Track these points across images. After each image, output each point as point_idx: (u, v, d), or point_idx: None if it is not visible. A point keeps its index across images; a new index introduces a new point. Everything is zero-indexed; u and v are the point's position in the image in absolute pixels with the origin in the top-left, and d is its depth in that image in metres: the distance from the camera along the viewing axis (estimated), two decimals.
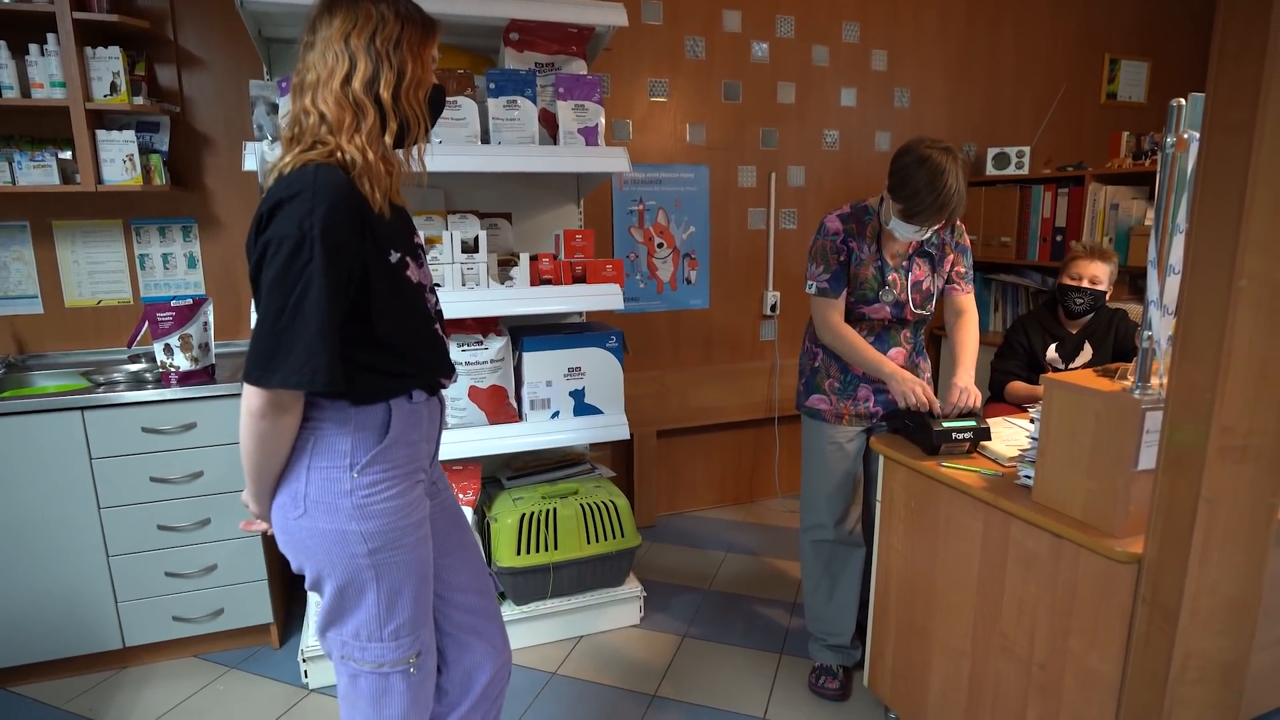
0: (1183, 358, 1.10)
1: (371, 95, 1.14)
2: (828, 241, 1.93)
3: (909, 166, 1.74)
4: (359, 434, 1.19)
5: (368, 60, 1.13)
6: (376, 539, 1.20)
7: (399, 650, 1.25)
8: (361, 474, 1.19)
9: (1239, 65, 1.00)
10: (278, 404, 1.11)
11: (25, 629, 2.06)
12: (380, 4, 1.16)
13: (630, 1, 2.85)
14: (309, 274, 1.07)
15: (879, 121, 3.42)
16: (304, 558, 1.22)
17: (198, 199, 2.53)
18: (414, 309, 1.25)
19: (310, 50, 1.16)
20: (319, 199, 1.07)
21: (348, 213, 1.10)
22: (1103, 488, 1.32)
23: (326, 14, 1.15)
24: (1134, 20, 3.79)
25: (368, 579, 1.21)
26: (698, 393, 3.27)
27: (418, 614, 1.27)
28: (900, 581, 1.83)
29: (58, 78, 2.14)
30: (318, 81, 1.14)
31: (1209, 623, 1.15)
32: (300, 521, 1.19)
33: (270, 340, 1.07)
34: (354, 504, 1.18)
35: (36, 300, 2.44)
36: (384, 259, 1.18)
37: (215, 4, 2.42)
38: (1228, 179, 1.02)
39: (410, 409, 1.25)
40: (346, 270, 1.11)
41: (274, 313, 1.08)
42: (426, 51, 1.21)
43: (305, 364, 1.07)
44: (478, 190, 2.51)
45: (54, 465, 2.01)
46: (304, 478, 1.18)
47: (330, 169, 1.11)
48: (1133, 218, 2.95)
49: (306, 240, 1.06)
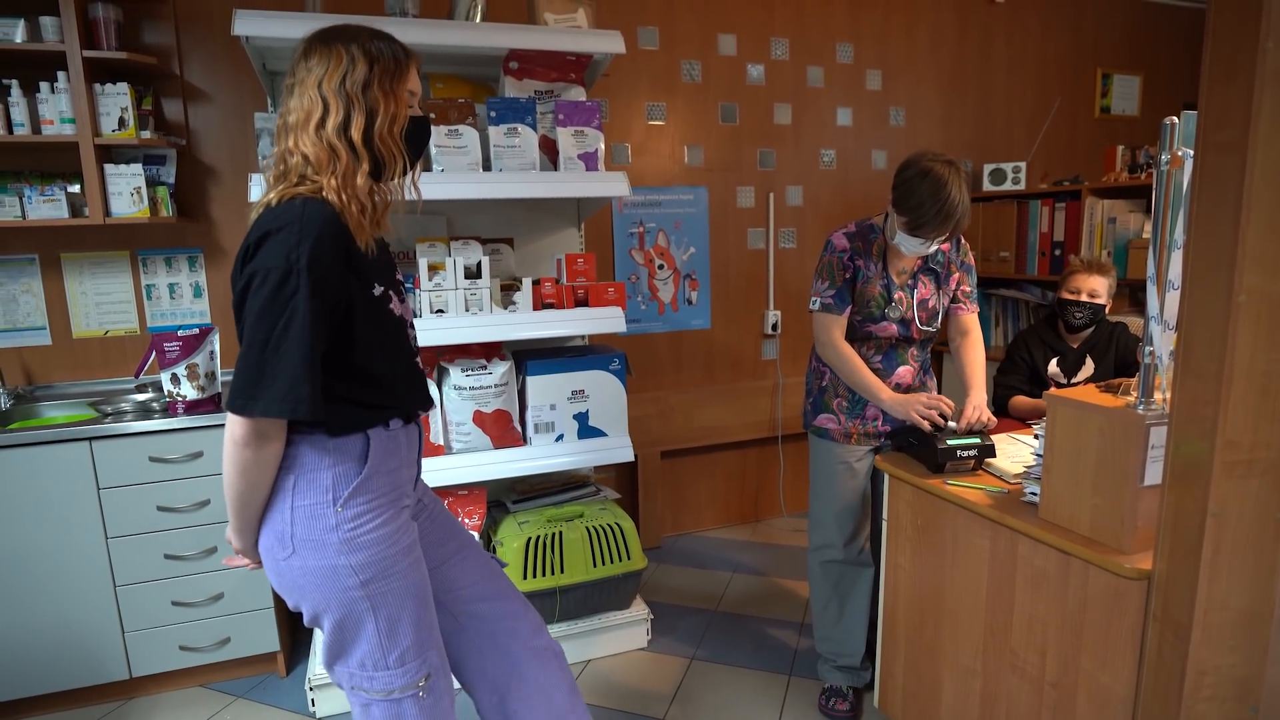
0: (1185, 373, 1.11)
1: (344, 138, 1.17)
2: (834, 258, 1.94)
3: (911, 180, 1.77)
4: (339, 466, 1.20)
5: (338, 103, 1.17)
6: (367, 570, 1.20)
7: (406, 676, 1.25)
8: (345, 507, 1.19)
9: (1228, 86, 1.02)
10: (260, 433, 1.12)
11: (32, 661, 2.06)
12: (351, 45, 1.19)
13: (627, 28, 2.89)
14: (294, 305, 1.09)
15: (875, 140, 3.45)
16: (299, 596, 1.23)
17: (203, 229, 2.56)
18: (396, 342, 1.27)
19: (290, 94, 1.20)
20: (306, 232, 1.10)
21: (333, 246, 1.13)
22: (1109, 504, 1.32)
23: (304, 59, 1.20)
24: (1124, 34, 3.84)
25: (364, 610, 1.21)
26: (701, 413, 3.27)
27: (421, 638, 1.27)
28: (909, 600, 1.82)
29: (67, 114, 2.18)
30: (298, 124, 1.18)
31: (1221, 638, 1.15)
32: (290, 561, 1.20)
33: (255, 369, 1.09)
34: (340, 538, 1.19)
35: (45, 331, 2.46)
36: (368, 292, 1.20)
37: (220, 40, 2.46)
38: (1222, 196, 1.03)
39: (388, 436, 1.26)
40: (331, 302, 1.13)
41: (259, 343, 1.09)
42: (401, 87, 1.22)
43: (289, 393, 1.09)
44: (480, 216, 2.54)
45: (62, 495, 2.02)
46: (288, 518, 1.19)
47: (318, 203, 1.14)
48: (1131, 230, 2.97)
49: (293, 272, 1.09)
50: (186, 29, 2.46)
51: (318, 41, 1.20)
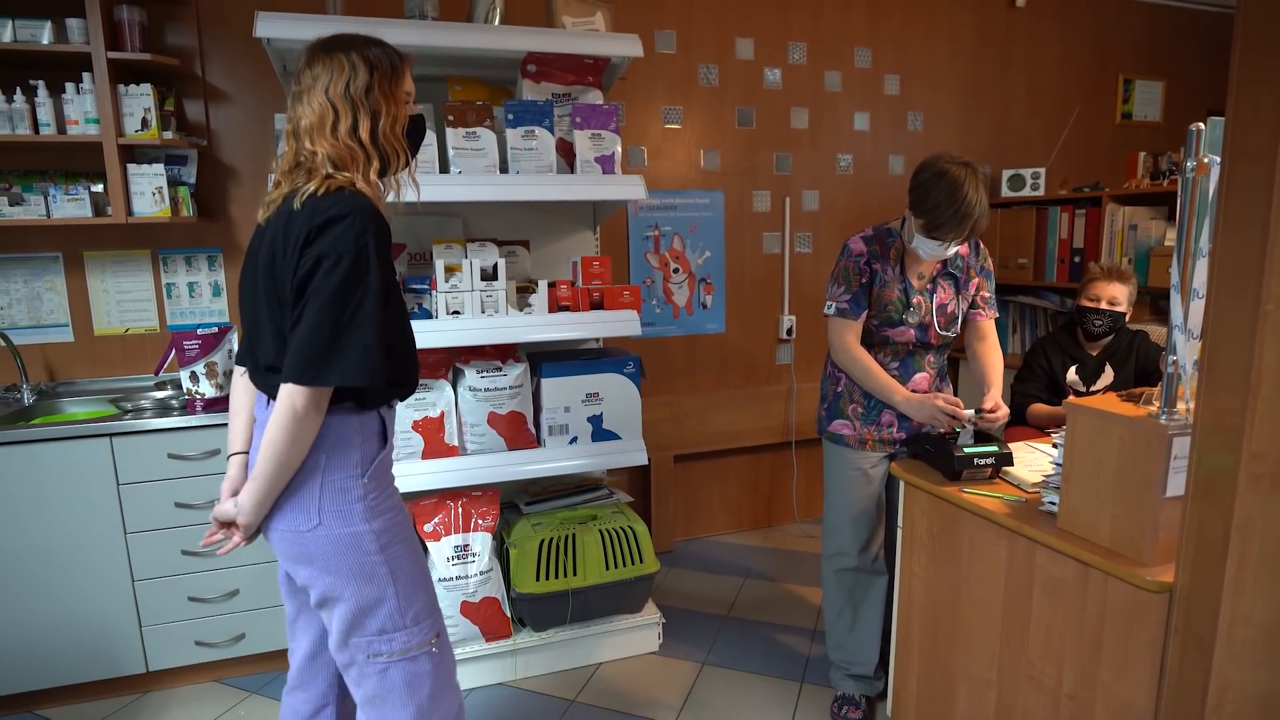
0: (1210, 383, 1.09)
1: (356, 139, 1.27)
2: (850, 263, 1.93)
3: (928, 181, 1.76)
4: (365, 445, 1.31)
5: (345, 109, 1.26)
6: (385, 535, 1.32)
7: (421, 634, 1.36)
8: (371, 479, 1.31)
9: (1257, 92, 1.00)
10: (320, 405, 1.22)
11: (51, 652, 2.08)
12: (351, 53, 1.28)
13: (644, 31, 2.90)
14: (368, 284, 1.21)
15: (892, 145, 3.43)
16: (318, 569, 1.30)
17: (223, 229, 2.58)
18: (408, 325, 1.41)
19: (299, 100, 1.29)
20: (368, 219, 1.22)
21: (385, 232, 1.26)
22: (1130, 515, 1.31)
23: (308, 67, 1.29)
24: (1146, 39, 3.79)
25: (383, 575, 1.31)
26: (714, 417, 3.27)
27: (430, 597, 1.40)
28: (923, 609, 1.80)
29: (92, 114, 2.21)
30: (312, 127, 1.27)
31: (1245, 654, 1.13)
32: (315, 532, 1.28)
33: (329, 343, 1.19)
34: (366, 507, 1.30)
35: (67, 329, 2.49)
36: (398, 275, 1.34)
37: (241, 41, 2.49)
38: (1250, 204, 1.02)
39: (390, 416, 1.39)
40: (390, 282, 1.27)
41: (333, 320, 1.19)
42: (398, 88, 1.32)
43: (365, 363, 1.20)
44: (496, 218, 2.55)
45: (82, 490, 2.05)
46: (317, 492, 1.27)
47: (361, 194, 1.25)
48: (1152, 238, 2.93)
49: (364, 255, 1.20)
50: (209, 31, 2.49)
51: (319, 51, 1.29)
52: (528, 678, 2.29)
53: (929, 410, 1.81)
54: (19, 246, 2.41)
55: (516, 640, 2.26)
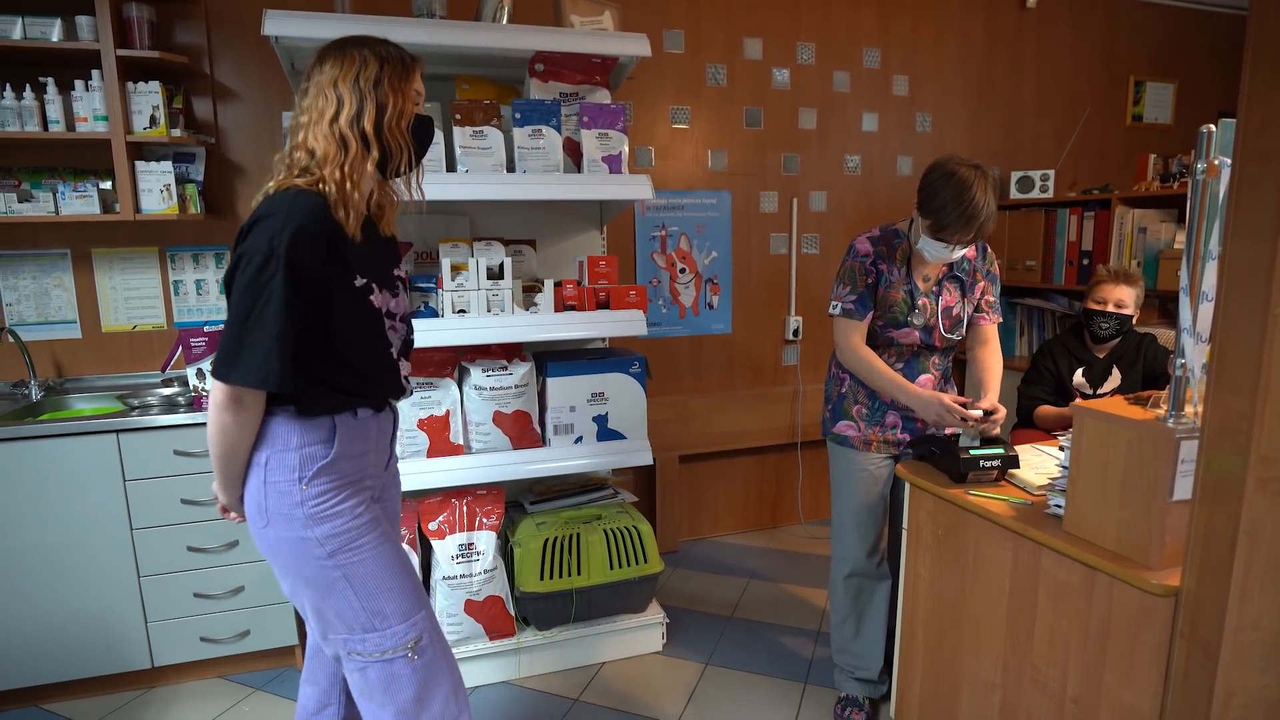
0: (1219, 387, 1.09)
1: (356, 130, 1.27)
2: (856, 263, 1.92)
3: (936, 182, 1.76)
4: (306, 448, 1.29)
5: (352, 99, 1.27)
6: (333, 541, 1.30)
7: (395, 638, 1.34)
8: (309, 485, 1.29)
9: (1270, 94, 0.99)
10: (237, 399, 1.22)
11: (57, 647, 2.09)
12: (363, 48, 1.30)
13: (653, 31, 2.90)
14: (272, 287, 1.18)
15: (900, 146, 3.42)
16: (277, 566, 1.34)
17: (230, 227, 2.59)
18: (371, 331, 1.35)
19: (305, 96, 1.30)
20: (289, 220, 1.19)
21: (313, 235, 1.21)
22: (1136, 518, 1.30)
23: (319, 63, 1.30)
24: (1158, 41, 3.77)
25: (336, 578, 1.31)
26: (720, 417, 3.26)
27: (405, 604, 1.35)
28: (928, 611, 1.80)
29: (101, 112, 2.22)
30: (309, 122, 1.28)
31: (1252, 659, 1.12)
32: (266, 532, 1.31)
33: (235, 341, 1.19)
34: (305, 514, 1.28)
35: (75, 325, 2.50)
36: (349, 281, 1.29)
37: (250, 39, 2.50)
38: (1261, 207, 1.01)
39: (356, 424, 1.35)
40: (307, 287, 1.22)
41: (240, 318, 1.19)
42: (408, 86, 1.33)
43: (262, 365, 1.19)
44: (503, 217, 2.55)
45: (89, 486, 2.06)
46: (263, 491, 1.29)
47: (308, 194, 1.23)
48: (1161, 241, 2.91)
49: (274, 256, 1.18)
50: (217, 29, 2.50)
51: (332, 49, 1.31)
52: (531, 676, 2.30)
53: (935, 407, 1.80)
54: (28, 243, 2.43)
55: (520, 639, 2.26)
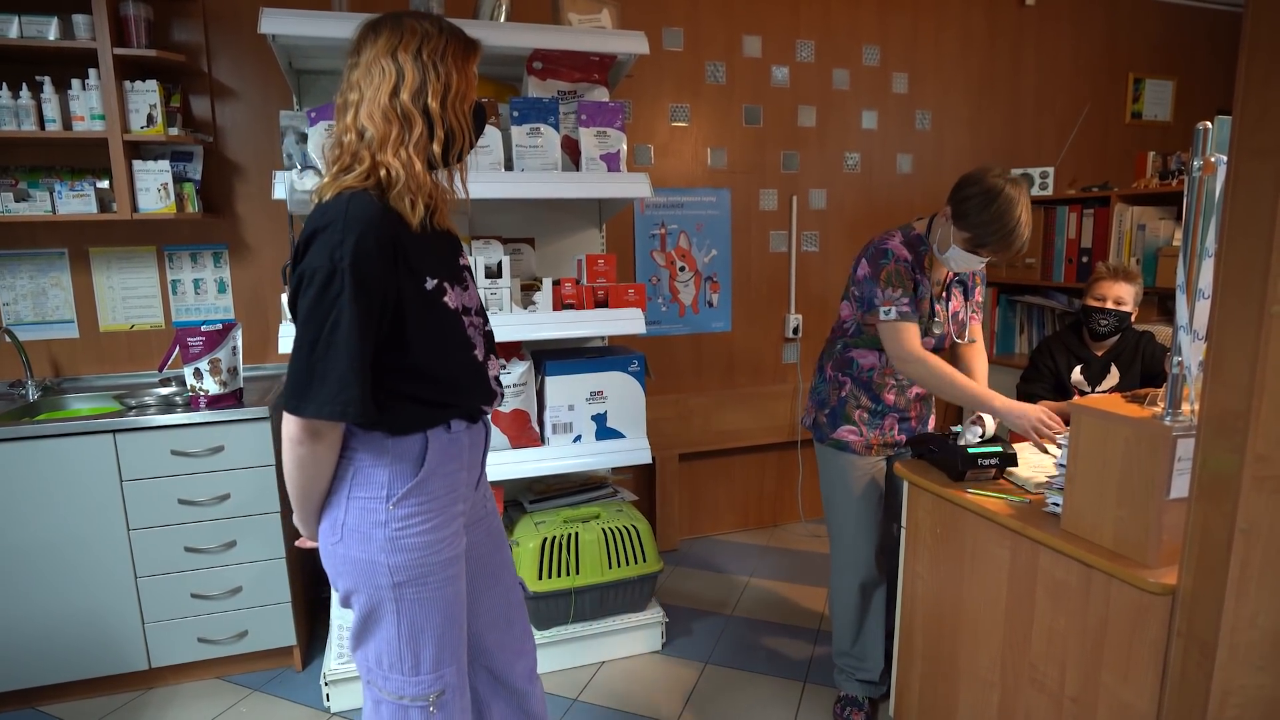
0: (1215, 385, 1.08)
1: (419, 105, 1.15)
2: (901, 266, 1.83)
3: (976, 197, 1.70)
4: (396, 466, 1.20)
5: (415, 71, 1.14)
6: (402, 573, 1.21)
7: (419, 686, 1.25)
8: (397, 506, 1.20)
9: (1266, 89, 0.99)
10: (314, 432, 1.13)
11: (54, 648, 2.09)
12: (424, 20, 1.18)
13: (651, 28, 2.89)
14: (340, 305, 1.08)
15: (900, 144, 3.42)
16: (337, 579, 1.25)
17: (228, 225, 2.59)
18: (451, 336, 1.24)
19: (354, 70, 1.17)
20: (350, 229, 1.09)
21: (378, 242, 1.10)
22: (1134, 516, 1.29)
23: (372, 33, 1.17)
24: (1158, 39, 3.76)
25: (389, 611, 1.22)
26: (720, 416, 3.26)
27: (441, 654, 1.26)
28: (926, 610, 1.79)
29: (98, 111, 2.22)
30: (361, 99, 1.15)
31: (1249, 657, 1.12)
32: (336, 548, 1.22)
33: (306, 371, 1.10)
34: (386, 535, 1.19)
35: (73, 325, 2.50)
36: (419, 286, 1.17)
37: (248, 38, 2.49)
38: (1257, 203, 1.00)
39: (449, 439, 1.25)
40: (379, 301, 1.12)
41: (308, 344, 1.10)
42: (469, 66, 1.21)
43: (338, 395, 1.09)
44: (501, 216, 2.55)
45: (86, 486, 2.05)
46: (343, 506, 1.20)
47: (363, 197, 1.12)
48: (1160, 238, 2.91)
49: (338, 272, 1.08)
50: (215, 27, 2.49)
51: (386, 20, 1.18)
52: None
53: (1031, 420, 1.73)
54: (25, 242, 2.42)
55: None
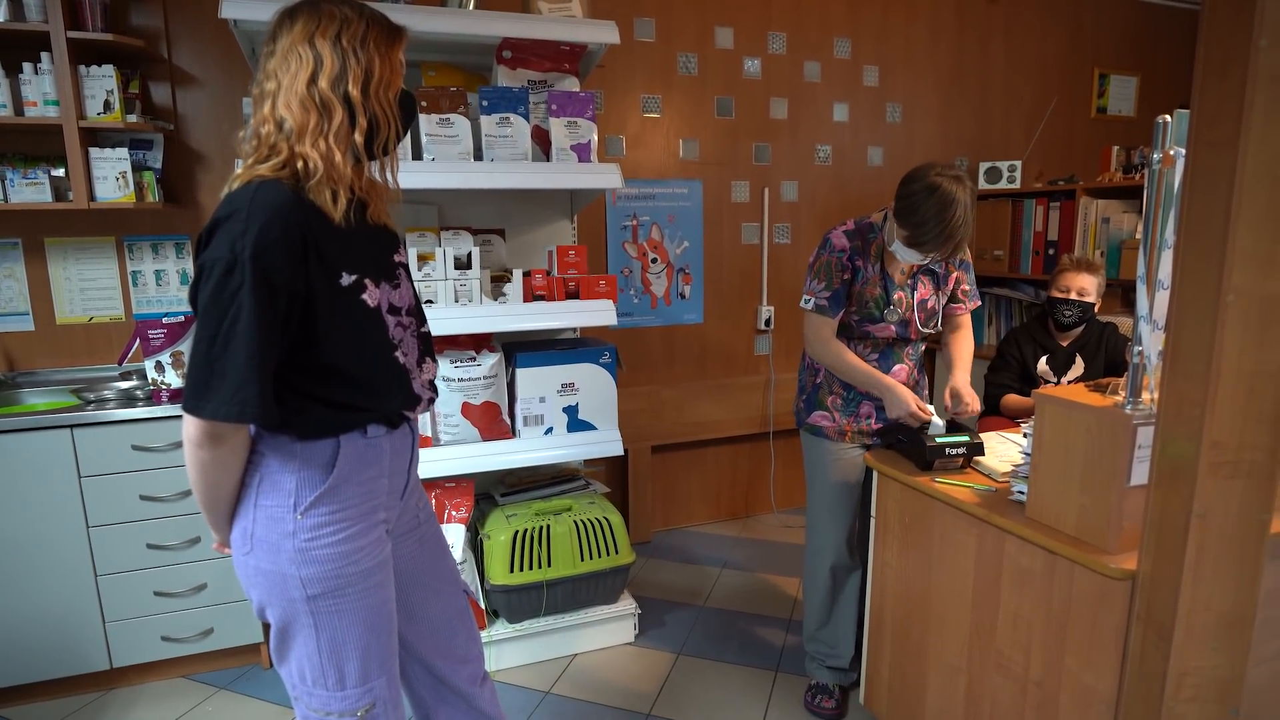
0: (1173, 373, 1.10)
1: (339, 93, 1.10)
2: (833, 258, 1.89)
3: (917, 194, 1.71)
4: (304, 472, 1.13)
5: (334, 57, 1.09)
6: (315, 585, 1.14)
7: (345, 701, 1.19)
8: (305, 515, 1.13)
9: (1222, 81, 1.00)
10: (214, 434, 1.06)
11: (11, 650, 2.04)
12: (344, 6, 1.12)
13: (623, 19, 2.87)
14: (239, 300, 1.01)
15: (871, 136, 3.44)
16: (249, 591, 1.19)
17: (191, 216, 2.53)
18: (370, 335, 1.17)
19: (271, 58, 1.11)
20: (253, 219, 1.02)
21: (284, 232, 1.04)
22: (1095, 503, 1.32)
23: (288, 20, 1.11)
24: (1124, 34, 3.83)
25: (305, 625, 1.15)
26: (692, 408, 3.26)
27: (368, 666, 1.20)
28: (895, 598, 1.81)
29: (51, 96, 2.15)
30: (278, 89, 1.09)
31: (1204, 639, 1.15)
32: (247, 559, 1.15)
33: (203, 369, 1.03)
34: (295, 547, 1.12)
35: (28, 317, 2.43)
36: (333, 281, 1.11)
37: (209, 23, 2.43)
38: (1214, 194, 1.02)
39: (366, 444, 1.18)
40: (284, 294, 1.05)
41: (207, 340, 1.02)
42: (394, 54, 1.16)
43: (235, 395, 1.02)
44: (471, 206, 2.52)
45: (43, 484, 2.00)
46: (251, 515, 1.14)
47: (273, 185, 1.06)
48: (1124, 231, 2.96)
49: (238, 264, 1.01)
50: (175, 12, 2.42)
51: (303, 6, 1.12)
52: (502, 669, 2.28)
53: (904, 409, 1.80)
54: None
55: (491, 632, 2.25)
